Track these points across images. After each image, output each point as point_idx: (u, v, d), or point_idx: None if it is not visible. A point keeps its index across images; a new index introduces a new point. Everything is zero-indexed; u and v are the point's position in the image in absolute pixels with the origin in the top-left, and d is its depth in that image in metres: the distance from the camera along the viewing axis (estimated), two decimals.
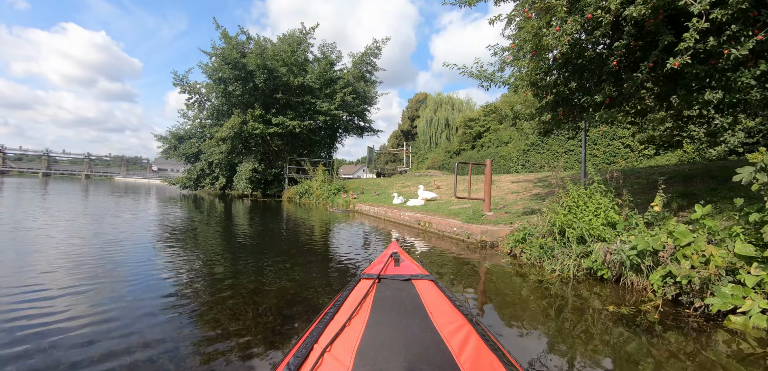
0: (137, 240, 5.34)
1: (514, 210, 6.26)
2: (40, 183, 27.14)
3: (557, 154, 20.81)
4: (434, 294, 1.81)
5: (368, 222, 8.49)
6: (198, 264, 4.12)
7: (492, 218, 5.79)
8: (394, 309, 1.61)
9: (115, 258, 4.17)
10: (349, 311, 1.55)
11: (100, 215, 8.25)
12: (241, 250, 4.92)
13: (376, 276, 1.96)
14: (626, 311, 2.80)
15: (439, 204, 8.64)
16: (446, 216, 6.72)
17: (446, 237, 6.10)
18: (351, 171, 55.37)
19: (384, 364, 1.17)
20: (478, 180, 11.86)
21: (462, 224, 5.81)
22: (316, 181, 16.30)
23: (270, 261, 4.28)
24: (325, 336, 1.36)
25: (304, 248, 5.22)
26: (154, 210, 10.15)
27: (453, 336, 1.37)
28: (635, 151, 16.64)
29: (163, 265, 4.01)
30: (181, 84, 18.15)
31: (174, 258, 4.38)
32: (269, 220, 8.62)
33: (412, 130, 54.25)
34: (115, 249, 4.63)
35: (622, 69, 3.32)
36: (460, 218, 6.21)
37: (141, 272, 3.69)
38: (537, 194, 7.58)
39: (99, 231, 5.99)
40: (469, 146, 31.75)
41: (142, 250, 4.71)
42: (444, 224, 6.24)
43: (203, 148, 20.32)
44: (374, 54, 22.27)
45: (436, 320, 1.50)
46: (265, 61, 16.89)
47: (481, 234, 5.30)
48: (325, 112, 18.93)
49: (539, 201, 6.66)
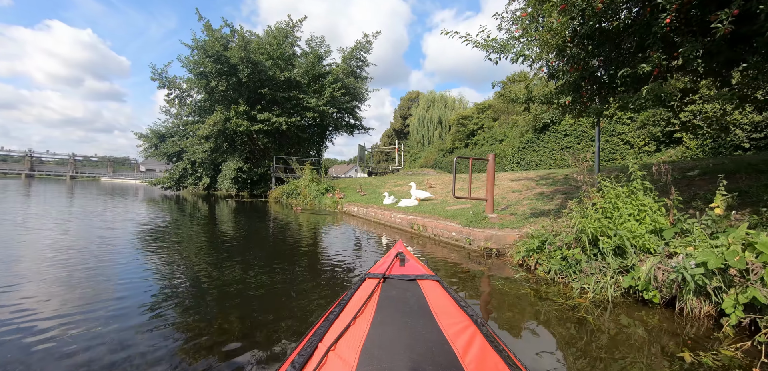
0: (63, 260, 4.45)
1: (519, 211, 5.49)
2: (22, 184, 26.03)
3: (553, 151, 20.16)
4: (439, 294, 1.78)
5: (356, 225, 7.68)
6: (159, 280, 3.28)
7: (496, 221, 5.01)
8: (399, 309, 1.59)
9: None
10: (354, 310, 1.54)
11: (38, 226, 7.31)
12: (185, 271, 4.07)
13: (381, 276, 1.94)
14: (707, 360, 2.02)
15: (433, 204, 7.85)
16: (443, 218, 5.93)
17: (444, 243, 5.31)
18: (343, 170, 54.46)
19: (388, 364, 1.17)
20: (476, 178, 11.12)
21: (462, 228, 5.02)
22: (304, 180, 15.44)
23: (214, 293, 3.44)
24: (330, 334, 1.35)
25: (263, 268, 4.34)
26: (118, 216, 9.20)
27: (458, 337, 1.35)
28: (636, 147, 16.05)
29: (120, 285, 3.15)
30: (159, 78, 17.10)
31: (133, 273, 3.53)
32: (238, 224, 7.75)
33: (404, 129, 53.54)
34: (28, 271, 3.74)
35: (673, 31, 2.57)
36: (459, 221, 5.43)
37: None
38: (542, 193, 6.83)
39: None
40: (462, 144, 31.09)
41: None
42: (441, 228, 5.46)
43: (185, 147, 19.30)
44: (365, 49, 21.43)
45: (441, 321, 1.49)
46: (248, 54, 15.95)
47: (485, 241, 4.52)
48: (313, 108, 18.04)
49: (547, 201, 5.91)
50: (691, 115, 13.36)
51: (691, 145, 13.47)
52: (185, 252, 4.59)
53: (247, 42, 16.49)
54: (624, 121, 16.39)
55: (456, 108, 42.00)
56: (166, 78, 17.30)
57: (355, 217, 9.20)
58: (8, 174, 67.69)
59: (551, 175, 9.25)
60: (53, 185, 27.28)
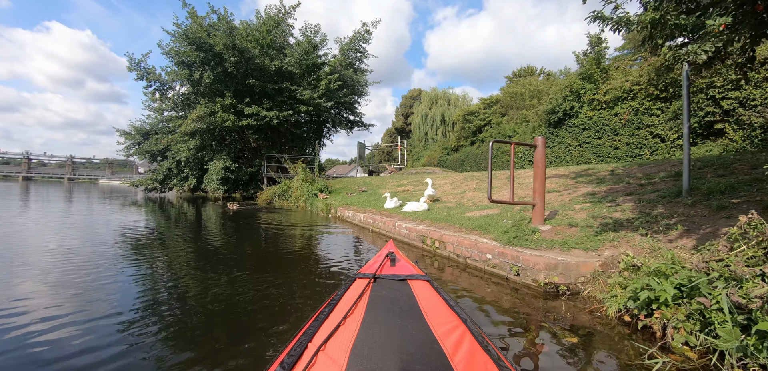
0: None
1: (578, 221, 3.81)
2: (19, 187, 24.66)
3: (570, 147, 18.38)
4: (429, 294, 1.77)
5: (347, 236, 6.04)
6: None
7: (553, 237, 3.35)
8: (389, 309, 1.57)
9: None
10: (344, 310, 1.53)
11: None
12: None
13: (371, 276, 1.92)
14: None
15: (448, 209, 6.17)
16: (467, 230, 4.27)
17: (473, 268, 3.64)
18: (344, 171, 52.80)
19: (378, 363, 1.15)
20: (498, 176, 9.46)
21: (502, 248, 3.35)
22: (297, 180, 13.80)
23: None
24: (320, 334, 1.33)
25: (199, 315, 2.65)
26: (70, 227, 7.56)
27: (447, 337, 1.34)
28: (668, 141, 14.30)
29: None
30: (137, 69, 15.42)
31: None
32: (184, 240, 6.09)
33: (406, 127, 51.85)
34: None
35: None
36: (493, 235, 3.77)
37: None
38: (594, 194, 5.15)
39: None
40: (467, 142, 29.43)
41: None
42: (468, 245, 3.77)
43: (170, 144, 17.67)
44: (364, 39, 19.76)
45: (431, 320, 1.47)
46: (234, 41, 14.32)
47: (546, 272, 2.84)
48: (307, 101, 16.36)
49: (610, 206, 4.23)
50: (735, 102, 11.66)
51: (736, 136, 11.74)
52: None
53: (233, 27, 14.86)
54: (653, 111, 14.57)
55: (460, 105, 40.36)
56: (145, 68, 15.61)
57: (350, 224, 7.54)
58: (8, 176, 66.95)
59: (589, 170, 7.57)
60: (42, 188, 25.62)
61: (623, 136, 15.51)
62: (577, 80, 16.82)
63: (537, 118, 21.33)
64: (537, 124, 21.12)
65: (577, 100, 16.94)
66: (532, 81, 28.97)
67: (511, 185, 3.48)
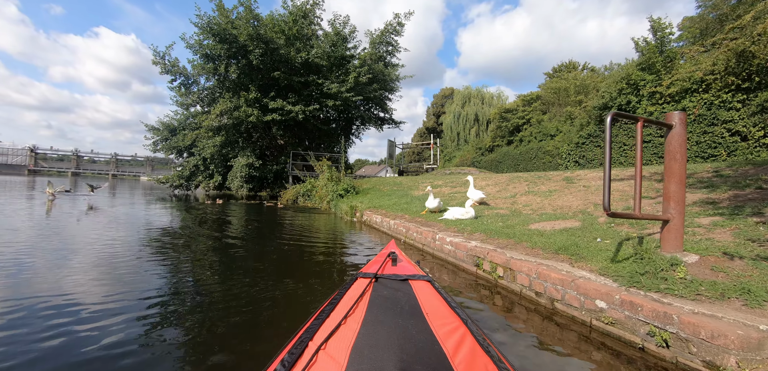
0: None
1: (729, 245, 2.43)
2: (69, 182, 25.71)
3: (625, 147, 16.30)
4: (430, 295, 1.73)
5: (378, 243, 4.86)
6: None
7: (713, 276, 2.00)
8: (390, 309, 1.55)
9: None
10: (345, 309, 1.50)
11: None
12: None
13: (372, 275, 1.89)
14: None
15: (503, 218, 4.84)
16: (544, 252, 2.96)
17: (565, 317, 2.33)
18: (374, 171, 51.79)
19: (378, 363, 1.13)
20: (515, 179, 7.97)
21: (623, 291, 2.02)
22: (322, 179, 12.79)
23: None
24: (321, 333, 1.31)
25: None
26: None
27: (448, 338, 1.33)
28: (750, 139, 12.11)
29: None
30: (161, 62, 14.95)
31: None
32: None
33: (437, 127, 50.17)
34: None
35: None
36: (593, 264, 2.46)
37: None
38: (712, 202, 3.68)
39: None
40: (504, 142, 27.61)
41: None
42: (556, 280, 2.40)
43: (196, 140, 17.19)
44: (395, 31, 18.54)
45: (432, 321, 1.45)
46: (258, 31, 13.50)
47: (739, 350, 1.53)
48: (334, 96, 15.33)
49: (759, 220, 2.81)
50: None
51: None
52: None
53: (257, 17, 14.06)
54: (732, 105, 12.36)
55: (494, 104, 38.37)
56: (169, 62, 15.11)
57: (377, 231, 6.35)
58: (52, 171, 71.25)
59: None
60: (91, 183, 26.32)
61: (692, 133, 13.34)
62: (636, 71, 14.85)
63: (585, 115, 19.38)
64: (585, 121, 19.19)
65: (635, 93, 14.95)
66: (576, 75, 26.77)
67: (638, 187, 2.14)
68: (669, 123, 2.24)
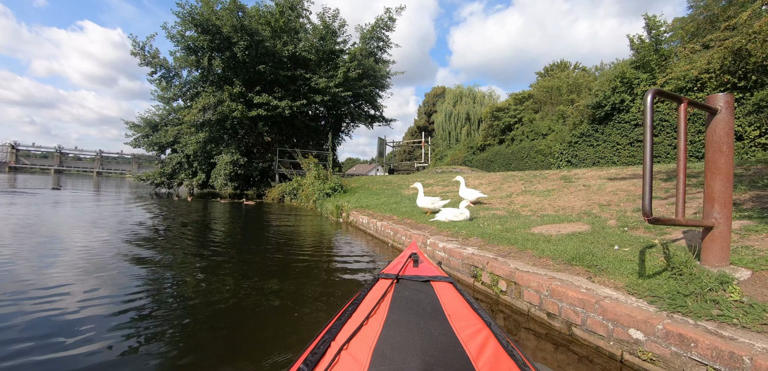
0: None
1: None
2: (51, 179, 24.85)
3: (618, 146, 16.05)
4: (453, 296, 1.70)
5: (362, 247, 4.39)
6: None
7: None
8: (412, 310, 1.52)
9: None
10: (367, 310, 1.48)
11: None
12: None
13: (394, 276, 1.86)
14: None
15: (501, 220, 4.40)
16: (556, 262, 2.52)
17: (587, 346, 1.87)
18: (364, 170, 51.19)
19: (401, 364, 1.12)
20: (510, 178, 7.57)
21: (665, 318, 1.59)
22: (308, 177, 12.26)
23: None
24: (343, 334, 1.30)
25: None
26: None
27: (471, 340, 1.29)
28: (746, 139, 11.92)
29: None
30: (140, 53, 14.22)
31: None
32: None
33: (428, 126, 49.83)
34: None
35: None
36: (618, 280, 2.03)
37: None
38: (735, 203, 3.30)
39: None
40: (496, 140, 27.35)
41: None
42: (573, 299, 1.93)
43: (177, 136, 16.48)
44: (387, 27, 18.04)
45: (455, 323, 1.42)
46: (242, 22, 12.89)
47: None
48: (322, 91, 14.78)
49: None
50: None
51: None
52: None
53: (242, 8, 13.44)
54: None
55: (486, 103, 38.19)
56: (149, 53, 14.39)
57: (363, 234, 5.87)
58: (34, 169, 69.36)
59: (687, 170, 5.63)
60: (70, 181, 25.29)
61: (688, 133, 13.10)
62: (630, 69, 14.61)
63: (578, 114, 19.13)
64: (578, 120, 18.94)
65: (629, 91, 14.71)
66: (569, 74, 26.63)
67: (681, 187, 1.71)
68: (713, 107, 1.81)
